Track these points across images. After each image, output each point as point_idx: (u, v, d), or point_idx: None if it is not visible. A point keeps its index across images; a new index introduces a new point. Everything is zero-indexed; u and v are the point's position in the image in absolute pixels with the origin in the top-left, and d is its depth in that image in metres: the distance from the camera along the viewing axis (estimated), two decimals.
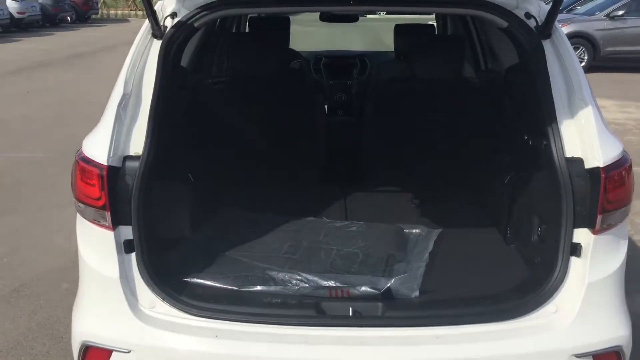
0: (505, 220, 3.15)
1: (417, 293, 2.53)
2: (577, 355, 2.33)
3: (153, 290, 2.41)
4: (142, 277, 2.42)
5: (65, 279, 4.34)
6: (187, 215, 3.09)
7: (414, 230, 3.14)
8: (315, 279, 2.56)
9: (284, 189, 3.61)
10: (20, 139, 8.21)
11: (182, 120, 3.12)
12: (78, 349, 2.48)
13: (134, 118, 2.50)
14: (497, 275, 2.76)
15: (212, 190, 3.46)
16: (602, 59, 14.11)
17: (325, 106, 4.43)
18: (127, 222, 2.41)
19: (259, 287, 2.55)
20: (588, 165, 2.39)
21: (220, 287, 2.58)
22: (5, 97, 10.82)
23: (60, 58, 15.83)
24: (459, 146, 3.59)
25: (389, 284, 2.50)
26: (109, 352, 2.39)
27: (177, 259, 2.76)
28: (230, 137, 3.63)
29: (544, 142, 2.54)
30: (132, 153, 2.45)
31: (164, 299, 2.41)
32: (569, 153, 2.44)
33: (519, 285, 2.60)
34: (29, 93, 11.23)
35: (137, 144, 2.46)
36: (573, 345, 2.34)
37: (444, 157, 3.65)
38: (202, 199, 3.27)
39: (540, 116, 2.55)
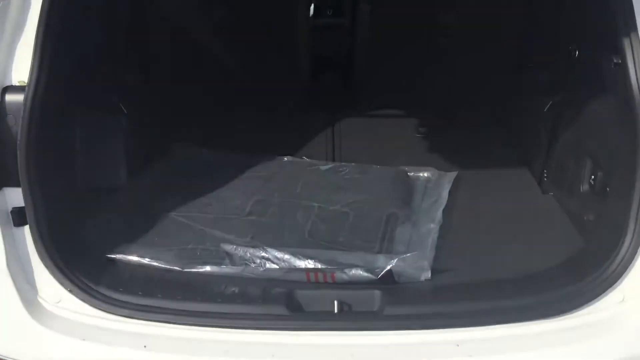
0: (541, 160, 2.66)
1: (428, 274, 1.94)
2: None
3: (57, 277, 1.83)
4: (42, 259, 1.84)
5: None
6: (116, 161, 2.46)
7: (421, 174, 2.66)
8: (287, 256, 1.95)
9: (252, 118, 3.07)
10: None
11: (105, 26, 2.47)
12: None
13: (17, 29, 1.89)
14: (535, 241, 2.19)
15: (155, 123, 2.84)
16: None
17: (312, 5, 3.70)
18: (14, 183, 1.84)
19: (208, 268, 1.98)
20: None
21: (156, 267, 2.00)
22: None
23: None
24: (480, 58, 3.05)
25: (390, 265, 1.87)
26: None
27: (97, 225, 2.14)
28: (180, 47, 3.04)
29: (615, 60, 1.93)
30: (15, 82, 1.87)
31: (71, 291, 1.82)
32: None
33: (568, 260, 2.03)
34: None
35: (23, 69, 1.86)
36: None
37: (460, 72, 3.13)
38: (140, 136, 2.65)
39: (610, 21, 1.96)
